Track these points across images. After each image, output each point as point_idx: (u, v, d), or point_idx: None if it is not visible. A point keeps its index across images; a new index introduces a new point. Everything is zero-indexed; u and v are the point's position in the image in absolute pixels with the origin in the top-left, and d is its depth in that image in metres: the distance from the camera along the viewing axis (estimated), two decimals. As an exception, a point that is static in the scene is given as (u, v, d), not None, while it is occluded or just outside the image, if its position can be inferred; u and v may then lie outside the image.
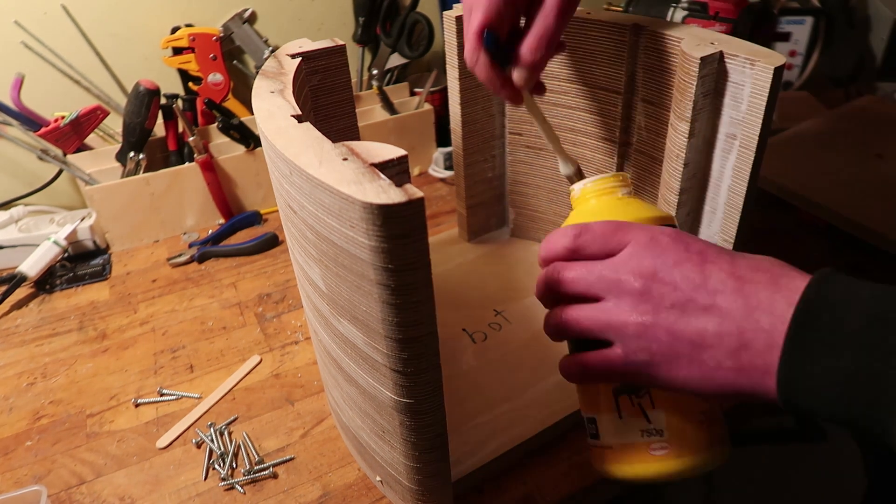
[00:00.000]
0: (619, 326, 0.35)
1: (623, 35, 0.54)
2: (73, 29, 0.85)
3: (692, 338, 0.33)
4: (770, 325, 0.31)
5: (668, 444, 0.38)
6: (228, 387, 0.61)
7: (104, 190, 0.81)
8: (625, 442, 0.39)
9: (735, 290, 0.33)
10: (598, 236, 0.37)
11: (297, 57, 0.48)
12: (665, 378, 0.35)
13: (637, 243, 0.36)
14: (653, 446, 0.38)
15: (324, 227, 0.34)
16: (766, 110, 0.45)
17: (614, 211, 0.41)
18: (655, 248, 0.35)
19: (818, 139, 0.88)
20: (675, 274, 0.34)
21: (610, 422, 0.40)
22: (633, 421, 0.39)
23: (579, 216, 0.42)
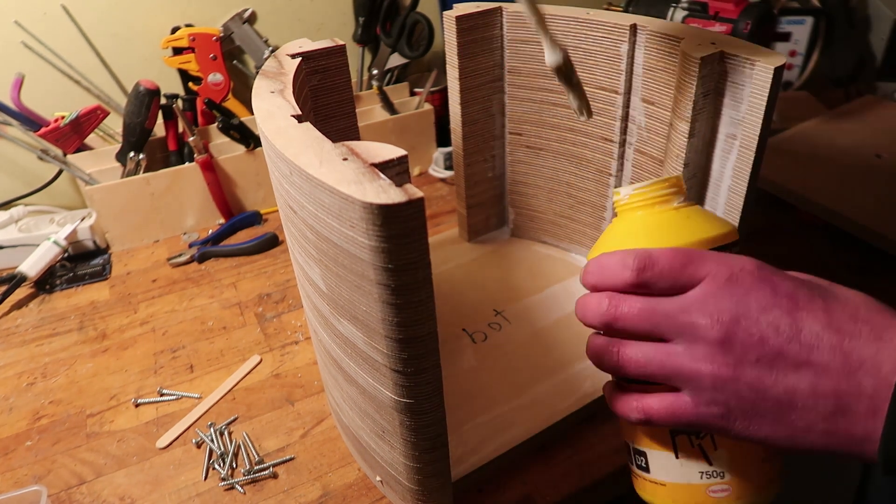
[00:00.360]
0: (691, 375, 0.32)
1: (623, 35, 0.54)
2: (73, 29, 0.85)
3: (780, 397, 0.30)
4: (873, 390, 0.28)
5: (729, 485, 0.36)
6: (228, 387, 0.61)
7: (104, 190, 0.81)
8: (681, 482, 0.37)
9: (833, 346, 0.30)
10: (667, 272, 0.33)
11: (297, 57, 0.48)
12: (741, 433, 0.32)
13: (714, 281, 0.32)
14: (712, 488, 0.36)
15: (324, 227, 0.34)
16: (766, 110, 0.45)
17: (673, 228, 0.36)
18: (737, 289, 0.31)
19: (818, 139, 0.88)
20: (761, 322, 0.31)
21: (664, 459, 0.37)
22: (693, 462, 0.36)
23: (628, 230, 0.37)
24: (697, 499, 0.36)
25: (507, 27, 0.63)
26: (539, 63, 0.63)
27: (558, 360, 0.57)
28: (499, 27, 0.63)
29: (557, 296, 0.66)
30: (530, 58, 0.63)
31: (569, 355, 0.58)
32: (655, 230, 0.36)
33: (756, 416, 0.31)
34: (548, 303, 0.65)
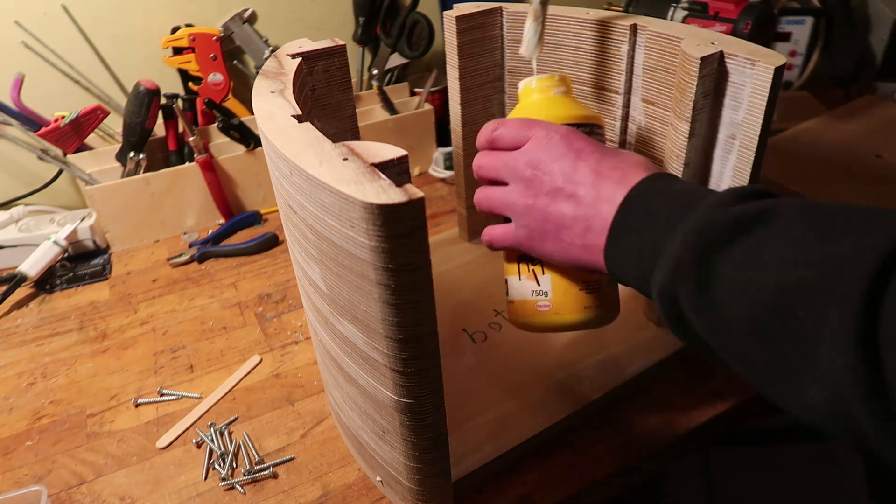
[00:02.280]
0: (512, 206, 0.44)
1: (623, 35, 0.54)
2: (73, 29, 0.85)
3: (556, 220, 0.41)
4: (607, 213, 0.39)
5: (551, 302, 0.47)
6: (228, 387, 0.61)
7: (104, 190, 0.81)
8: (520, 298, 0.48)
9: (592, 183, 0.40)
10: (510, 131, 0.44)
11: (297, 57, 0.48)
12: (538, 250, 0.44)
13: (536, 139, 0.43)
14: (539, 303, 0.47)
15: (324, 226, 0.34)
16: (766, 110, 0.45)
17: (544, 108, 0.47)
18: (547, 144, 0.42)
19: (818, 139, 0.88)
20: (553, 166, 0.42)
21: (514, 282, 0.49)
22: (528, 282, 0.48)
23: (519, 110, 0.49)
24: (528, 311, 0.48)
25: (507, 27, 0.63)
26: (539, 63, 0.62)
27: (558, 360, 0.57)
28: (499, 27, 0.63)
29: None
30: (530, 58, 0.63)
31: (569, 355, 0.58)
32: (530, 110, 0.48)
33: (543, 236, 0.43)
34: (548, 303, 0.65)
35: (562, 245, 0.42)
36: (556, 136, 0.43)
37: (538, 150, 0.43)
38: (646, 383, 0.57)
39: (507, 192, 0.44)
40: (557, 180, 0.41)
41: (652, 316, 0.61)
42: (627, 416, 0.54)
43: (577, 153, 0.42)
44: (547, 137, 0.43)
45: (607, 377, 0.55)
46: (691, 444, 0.54)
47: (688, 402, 0.55)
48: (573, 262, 0.42)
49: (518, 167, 0.43)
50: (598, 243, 0.40)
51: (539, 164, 0.42)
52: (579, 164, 0.41)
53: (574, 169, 0.41)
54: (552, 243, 0.42)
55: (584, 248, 0.41)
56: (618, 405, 0.55)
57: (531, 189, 0.42)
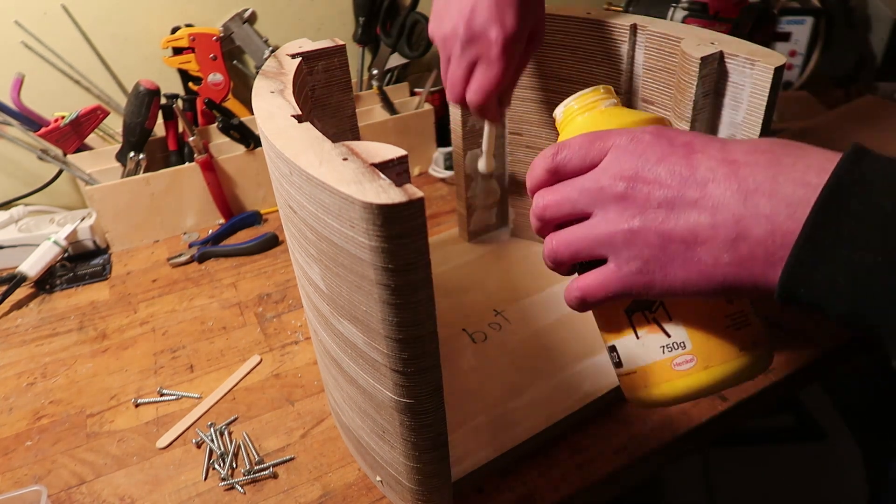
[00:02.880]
0: (608, 239, 0.32)
1: (623, 35, 0.54)
2: (73, 29, 0.85)
3: (684, 236, 0.30)
4: (771, 209, 0.28)
5: (694, 355, 0.34)
6: (228, 387, 0.61)
7: (104, 190, 0.81)
8: (647, 363, 0.36)
9: (727, 175, 0.30)
10: (577, 149, 0.34)
11: (297, 57, 0.48)
12: (663, 284, 0.32)
13: (617, 147, 0.33)
14: (676, 361, 0.35)
15: (324, 226, 0.34)
16: (766, 110, 0.45)
17: (599, 124, 0.38)
18: (637, 147, 0.32)
19: (818, 139, 0.88)
20: (659, 170, 0.31)
21: (629, 344, 0.36)
22: (652, 338, 0.35)
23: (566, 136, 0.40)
24: (665, 374, 0.35)
25: (507, 27, 0.63)
26: (539, 63, 0.63)
27: (558, 360, 0.57)
28: (499, 27, 0.63)
29: (557, 296, 0.66)
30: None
31: (569, 355, 0.58)
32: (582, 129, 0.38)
33: (668, 263, 0.31)
34: (548, 303, 0.65)
35: (700, 268, 0.30)
36: (645, 136, 0.33)
37: (627, 157, 0.32)
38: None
39: (594, 226, 0.33)
40: (670, 184, 0.31)
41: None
42: (627, 416, 0.54)
43: (686, 146, 0.32)
44: (633, 140, 0.33)
45: (607, 377, 0.55)
46: (691, 444, 0.54)
47: (688, 402, 0.55)
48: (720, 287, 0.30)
49: (603, 186, 0.32)
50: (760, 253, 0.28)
51: (634, 172, 0.32)
52: (696, 157, 0.31)
53: (691, 165, 0.31)
54: (683, 269, 0.31)
55: (738, 264, 0.29)
56: (618, 405, 0.55)
57: (630, 207, 0.32)
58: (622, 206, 0.32)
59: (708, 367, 0.34)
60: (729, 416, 0.55)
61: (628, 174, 0.32)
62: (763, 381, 0.57)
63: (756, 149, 0.30)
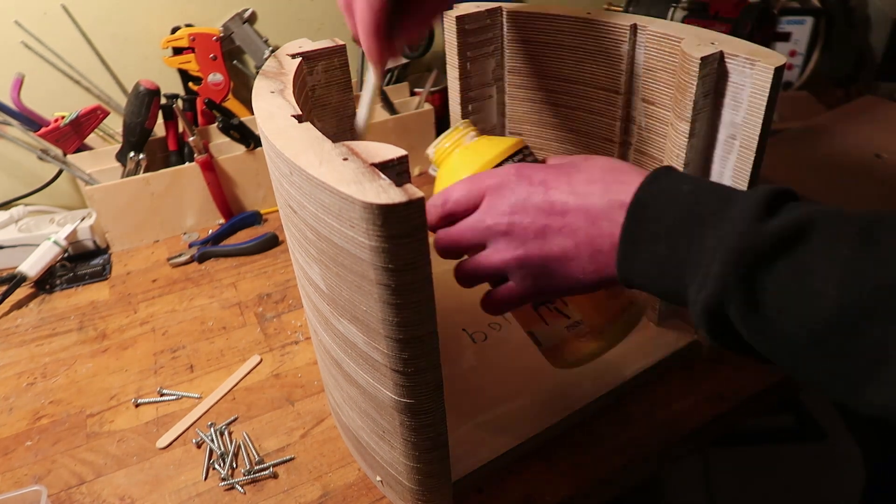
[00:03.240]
0: (503, 266, 0.41)
1: (623, 35, 0.54)
2: (73, 29, 0.85)
3: (558, 256, 0.39)
4: (610, 228, 0.38)
5: (589, 327, 0.45)
6: (228, 387, 0.61)
7: (104, 190, 0.81)
8: (559, 340, 0.46)
9: (577, 207, 0.39)
10: (461, 197, 0.43)
11: (297, 57, 0.48)
12: (552, 291, 0.42)
13: (491, 191, 0.42)
14: (579, 335, 0.46)
15: (324, 226, 0.34)
16: (767, 110, 0.45)
17: (468, 159, 0.46)
18: (506, 190, 0.41)
19: (818, 139, 0.88)
20: (528, 208, 0.40)
21: (542, 330, 0.47)
22: (557, 322, 0.46)
23: (444, 174, 0.48)
24: (573, 347, 0.46)
25: (507, 27, 0.63)
26: (539, 63, 0.63)
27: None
28: (499, 27, 0.63)
29: (557, 296, 0.66)
30: (530, 58, 0.63)
31: (569, 355, 0.58)
32: (455, 169, 0.46)
33: (552, 276, 0.40)
34: (548, 303, 0.65)
35: (575, 277, 0.40)
36: (510, 178, 0.41)
37: (500, 199, 0.41)
38: (646, 383, 0.57)
39: (489, 256, 0.42)
40: (538, 218, 0.40)
41: (652, 316, 0.61)
42: (627, 417, 0.54)
43: (542, 184, 0.40)
44: (501, 184, 0.41)
45: (607, 377, 0.55)
46: (691, 444, 0.54)
47: (688, 402, 0.55)
48: (592, 286, 0.40)
49: (489, 225, 0.41)
50: (610, 260, 0.38)
51: (509, 210, 0.40)
52: (552, 193, 0.40)
53: (550, 200, 0.40)
54: (564, 279, 0.40)
55: (599, 270, 0.39)
56: (618, 405, 0.55)
57: (514, 239, 0.40)
58: (508, 239, 0.40)
59: (601, 332, 0.45)
60: (729, 416, 0.55)
61: (506, 212, 0.40)
62: (763, 382, 0.57)
63: (592, 178, 0.40)
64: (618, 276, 0.38)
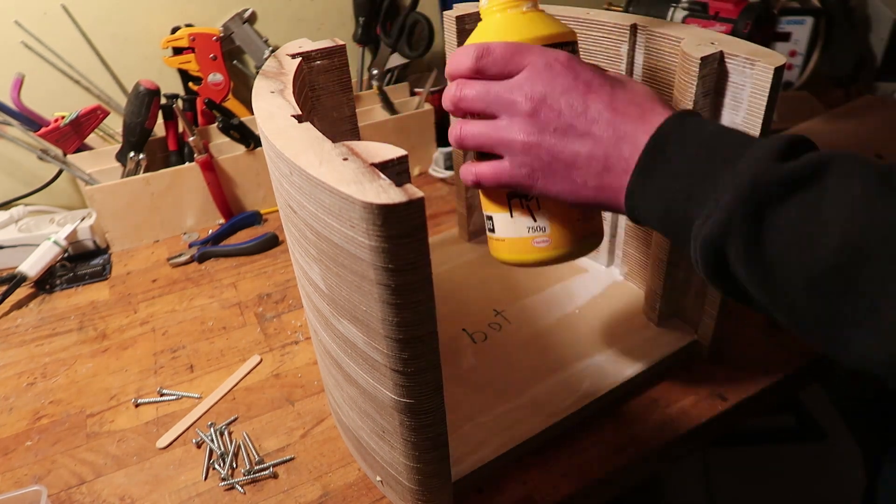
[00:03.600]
0: (508, 143, 0.40)
1: (623, 35, 0.54)
2: (73, 29, 0.85)
3: (567, 159, 0.39)
4: (629, 153, 0.37)
5: (549, 237, 0.45)
6: (228, 387, 0.61)
7: (104, 190, 0.81)
8: (514, 236, 0.46)
9: (608, 121, 0.38)
10: (499, 58, 0.40)
11: (297, 57, 0.48)
12: (541, 189, 0.41)
13: (533, 67, 0.39)
14: (536, 239, 0.46)
15: (324, 226, 0.34)
16: (767, 110, 0.45)
17: (518, 27, 0.43)
18: (548, 74, 0.39)
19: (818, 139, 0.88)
20: (561, 101, 0.38)
21: (504, 219, 0.46)
22: (522, 219, 0.45)
23: (485, 29, 0.45)
24: (525, 248, 0.46)
25: (507, 27, 0.63)
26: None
27: (558, 360, 0.57)
28: (499, 27, 0.63)
29: (557, 296, 0.66)
30: (530, 58, 0.63)
31: (569, 355, 0.58)
32: (503, 29, 0.43)
33: (551, 175, 0.40)
34: (548, 303, 0.65)
35: (572, 185, 0.39)
36: (557, 66, 0.39)
37: (539, 81, 0.39)
38: (646, 383, 0.57)
39: (499, 128, 0.40)
40: (567, 116, 0.38)
41: (652, 316, 0.61)
42: (627, 417, 0.54)
43: (586, 86, 0.39)
44: (547, 67, 0.39)
45: (607, 377, 0.55)
46: (691, 444, 0.54)
47: (688, 402, 0.55)
48: (583, 202, 0.40)
49: (515, 100, 0.39)
50: (617, 184, 0.38)
51: (543, 97, 0.38)
52: (591, 99, 0.38)
53: (585, 104, 0.38)
54: (560, 184, 0.39)
55: (599, 189, 0.38)
56: (618, 405, 0.55)
57: (534, 125, 0.39)
58: (526, 122, 0.39)
59: (557, 247, 0.46)
60: (729, 416, 0.55)
61: (537, 97, 0.39)
62: (763, 382, 0.57)
63: (633, 100, 0.39)
64: (624, 202, 0.38)
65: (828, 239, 0.29)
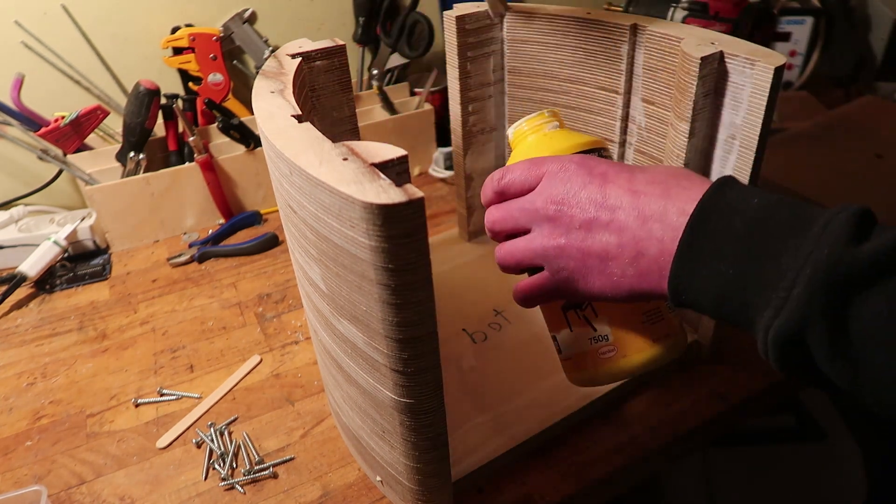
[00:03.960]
0: (542, 252, 0.39)
1: (623, 35, 0.54)
2: (73, 29, 0.85)
3: (599, 253, 0.37)
4: (661, 233, 0.35)
5: (614, 346, 0.42)
6: (228, 387, 0.61)
7: (104, 190, 0.81)
8: (579, 351, 0.44)
9: (630, 204, 0.37)
10: (518, 176, 0.41)
11: (297, 57, 0.48)
12: (585, 290, 0.39)
13: (549, 174, 0.40)
14: (601, 350, 0.43)
15: (324, 226, 0.34)
16: (767, 110, 0.45)
17: (543, 146, 0.45)
18: (564, 175, 0.39)
19: (818, 139, 0.88)
20: (581, 196, 0.38)
21: (565, 336, 0.45)
22: (582, 331, 0.43)
23: (516, 157, 0.47)
24: (592, 362, 0.43)
25: (507, 27, 0.63)
26: (539, 63, 0.63)
27: (558, 360, 0.57)
28: (499, 27, 0.63)
29: (557, 296, 0.66)
30: (530, 58, 0.63)
31: (569, 355, 0.58)
32: (526, 153, 0.45)
33: (588, 273, 0.38)
34: (548, 303, 0.65)
35: (611, 279, 0.37)
36: (571, 166, 0.39)
37: (556, 184, 0.39)
38: (646, 383, 0.57)
39: (531, 240, 0.40)
40: (588, 210, 0.38)
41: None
42: (627, 416, 0.54)
43: (601, 177, 0.38)
44: (562, 169, 0.39)
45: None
46: (691, 444, 0.54)
47: (688, 402, 0.55)
48: (627, 294, 0.38)
49: (538, 208, 0.39)
50: (655, 268, 0.36)
51: (562, 198, 0.38)
52: (609, 187, 0.38)
53: (604, 193, 0.37)
54: (599, 279, 0.38)
55: (639, 276, 0.36)
56: (618, 405, 0.55)
57: (559, 227, 0.38)
58: (553, 226, 0.39)
59: (625, 355, 0.42)
60: (729, 416, 0.55)
61: (558, 199, 0.39)
62: (763, 382, 0.57)
63: (654, 179, 0.37)
64: (668, 289, 0.35)
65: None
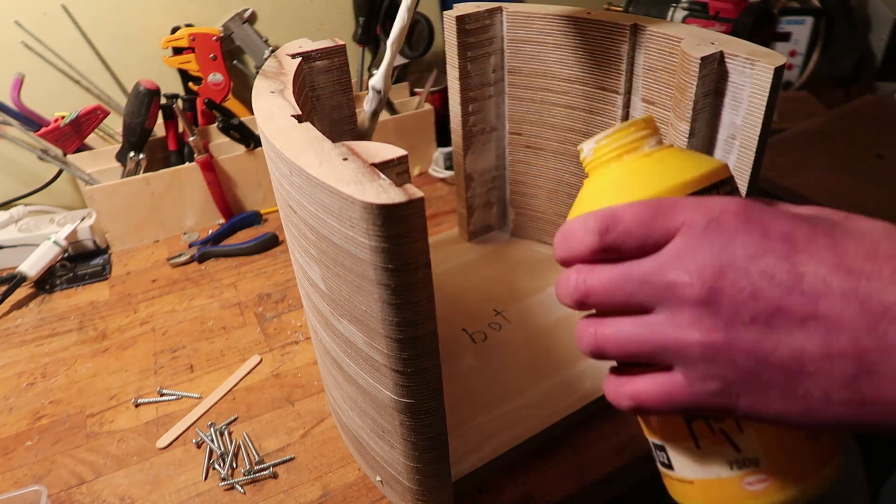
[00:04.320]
0: (678, 348, 0.26)
1: (623, 35, 0.54)
2: (73, 29, 0.85)
3: (786, 362, 0.25)
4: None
5: (768, 474, 0.29)
6: (228, 387, 0.61)
7: (104, 190, 0.81)
8: (710, 476, 0.30)
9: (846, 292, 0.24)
10: (633, 227, 0.27)
11: (297, 57, 0.48)
12: (748, 411, 0.26)
13: (690, 230, 0.26)
14: (747, 479, 0.29)
15: (324, 226, 0.34)
16: (766, 110, 0.45)
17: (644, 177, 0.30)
18: (718, 236, 0.26)
19: (818, 139, 0.88)
20: (751, 272, 0.25)
21: (685, 452, 0.31)
22: (717, 450, 0.30)
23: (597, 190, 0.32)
24: (733, 494, 0.30)
25: (507, 27, 0.63)
26: (539, 63, 0.63)
27: (558, 360, 0.57)
28: (499, 27, 0.63)
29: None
30: (530, 58, 0.63)
31: (569, 355, 0.58)
32: (624, 183, 0.30)
33: (762, 390, 0.25)
34: (548, 303, 0.65)
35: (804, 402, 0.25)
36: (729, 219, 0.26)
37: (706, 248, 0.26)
38: (646, 383, 0.57)
39: (656, 326, 0.27)
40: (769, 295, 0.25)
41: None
42: (627, 417, 0.54)
43: (784, 240, 0.25)
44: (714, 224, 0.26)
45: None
46: (691, 444, 0.54)
47: (688, 402, 0.55)
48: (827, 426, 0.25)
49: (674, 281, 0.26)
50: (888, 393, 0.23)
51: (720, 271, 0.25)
52: (801, 260, 0.25)
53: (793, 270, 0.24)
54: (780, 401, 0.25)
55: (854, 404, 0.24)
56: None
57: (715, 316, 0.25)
58: (700, 312, 0.26)
59: (784, 486, 0.29)
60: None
61: (708, 273, 0.25)
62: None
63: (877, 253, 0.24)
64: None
65: None
